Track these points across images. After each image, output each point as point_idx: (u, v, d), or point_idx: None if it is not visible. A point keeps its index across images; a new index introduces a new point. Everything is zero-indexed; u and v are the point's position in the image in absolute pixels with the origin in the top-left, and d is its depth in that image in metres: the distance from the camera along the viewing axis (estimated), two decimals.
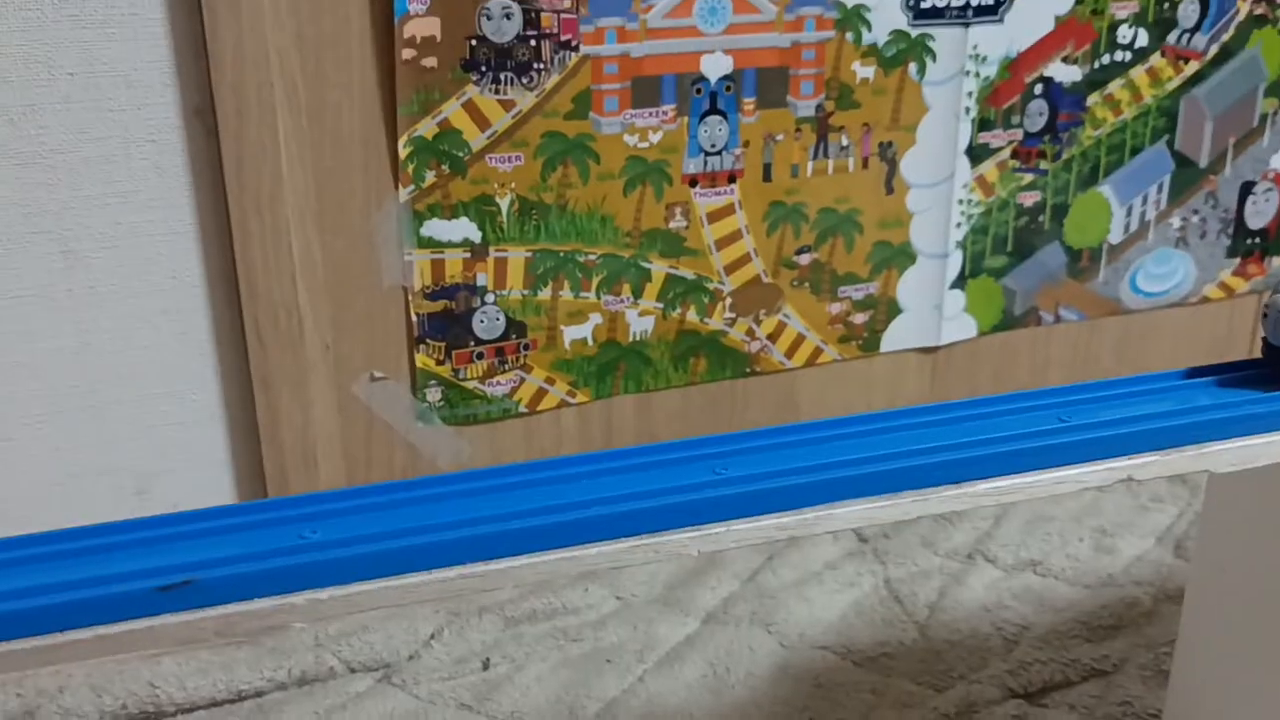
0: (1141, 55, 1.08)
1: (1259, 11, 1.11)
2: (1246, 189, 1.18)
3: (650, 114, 0.93)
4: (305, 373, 0.88)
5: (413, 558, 0.49)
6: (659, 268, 0.98)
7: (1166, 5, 1.07)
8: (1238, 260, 1.20)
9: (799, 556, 0.99)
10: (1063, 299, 1.14)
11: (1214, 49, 1.11)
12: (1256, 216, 1.19)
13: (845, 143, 1.00)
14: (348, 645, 0.85)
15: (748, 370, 1.04)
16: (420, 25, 0.85)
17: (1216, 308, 1.21)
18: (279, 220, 0.84)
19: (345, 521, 0.50)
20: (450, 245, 0.91)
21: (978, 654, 0.86)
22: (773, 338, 1.04)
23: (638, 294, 0.98)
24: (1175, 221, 1.16)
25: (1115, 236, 1.14)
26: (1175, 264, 1.17)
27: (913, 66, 1.00)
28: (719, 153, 0.96)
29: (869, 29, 0.97)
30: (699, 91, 0.94)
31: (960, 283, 1.09)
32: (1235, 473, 0.60)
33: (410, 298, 0.91)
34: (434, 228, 0.90)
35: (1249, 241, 1.19)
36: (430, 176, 0.89)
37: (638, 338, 0.99)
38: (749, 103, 0.96)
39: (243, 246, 0.83)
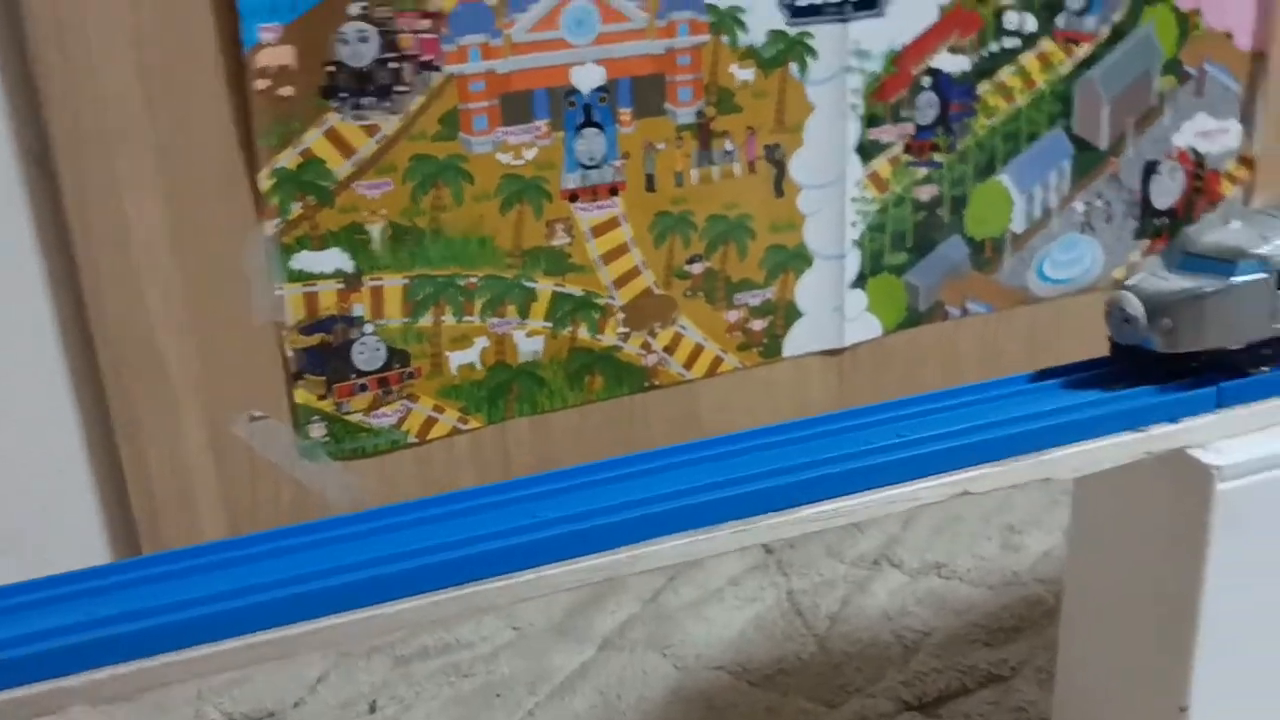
0: (1031, 40, 1.07)
1: None
2: (1150, 169, 1.16)
3: (523, 130, 0.91)
4: (174, 417, 0.86)
5: (282, 609, 0.47)
6: (544, 286, 0.96)
7: None
8: (1146, 241, 1.18)
9: (702, 574, 0.97)
10: (969, 292, 1.12)
11: (1105, 30, 1.09)
12: (1163, 196, 1.18)
13: (729, 148, 0.98)
14: (230, 696, 0.83)
15: (646, 384, 1.02)
16: (273, 54, 0.83)
17: None
18: (131, 261, 0.82)
19: (217, 576, 0.49)
20: (322, 277, 0.89)
21: (875, 665, 0.85)
22: (670, 350, 1.02)
23: (524, 314, 0.96)
24: (1079, 206, 1.14)
25: (1018, 225, 1.12)
26: (1082, 249, 1.16)
27: (794, 66, 0.98)
28: (598, 166, 0.94)
29: (745, 30, 0.96)
30: (572, 104, 0.92)
31: (861, 282, 1.07)
32: (1097, 475, 0.59)
33: (284, 333, 0.89)
34: (304, 260, 0.88)
35: (1156, 222, 1.18)
36: (296, 208, 0.87)
37: (528, 359, 0.97)
38: (625, 113, 0.94)
39: (93, 291, 0.81)
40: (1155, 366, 0.59)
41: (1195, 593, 0.59)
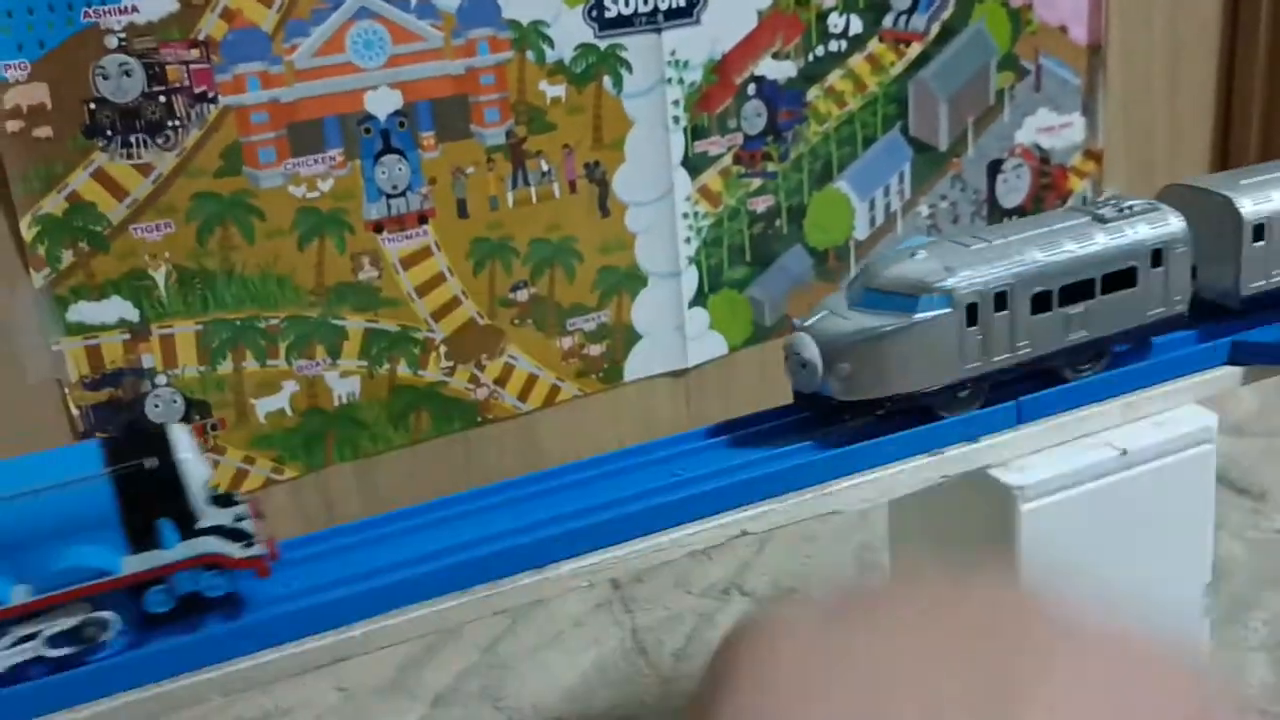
0: (858, 42, 1.03)
1: None
2: (995, 167, 1.14)
3: (315, 161, 0.86)
4: None
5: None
6: (355, 324, 0.90)
7: None
8: None
9: (545, 615, 0.92)
10: (815, 303, 1.08)
11: (935, 28, 1.07)
12: (1010, 194, 1.16)
13: (546, 168, 0.94)
14: None
15: (479, 419, 0.97)
16: (24, 93, 0.77)
17: None
18: None
19: None
20: (105, 328, 0.83)
21: None
22: (501, 382, 0.97)
23: (335, 354, 0.90)
24: (923, 209, 1.11)
25: (861, 232, 1.09)
26: None
27: (607, 80, 0.94)
28: (402, 194, 0.89)
29: (551, 45, 0.91)
30: (368, 131, 0.87)
31: (701, 300, 1.03)
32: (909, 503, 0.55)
33: (67, 390, 0.83)
34: (83, 311, 0.82)
35: (1005, 220, 1.16)
36: (68, 256, 0.80)
37: (344, 401, 0.92)
38: (427, 137, 0.89)
39: None
40: (837, 415, 0.54)
41: None
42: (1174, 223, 0.57)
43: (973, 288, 0.52)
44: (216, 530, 0.46)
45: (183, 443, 0.47)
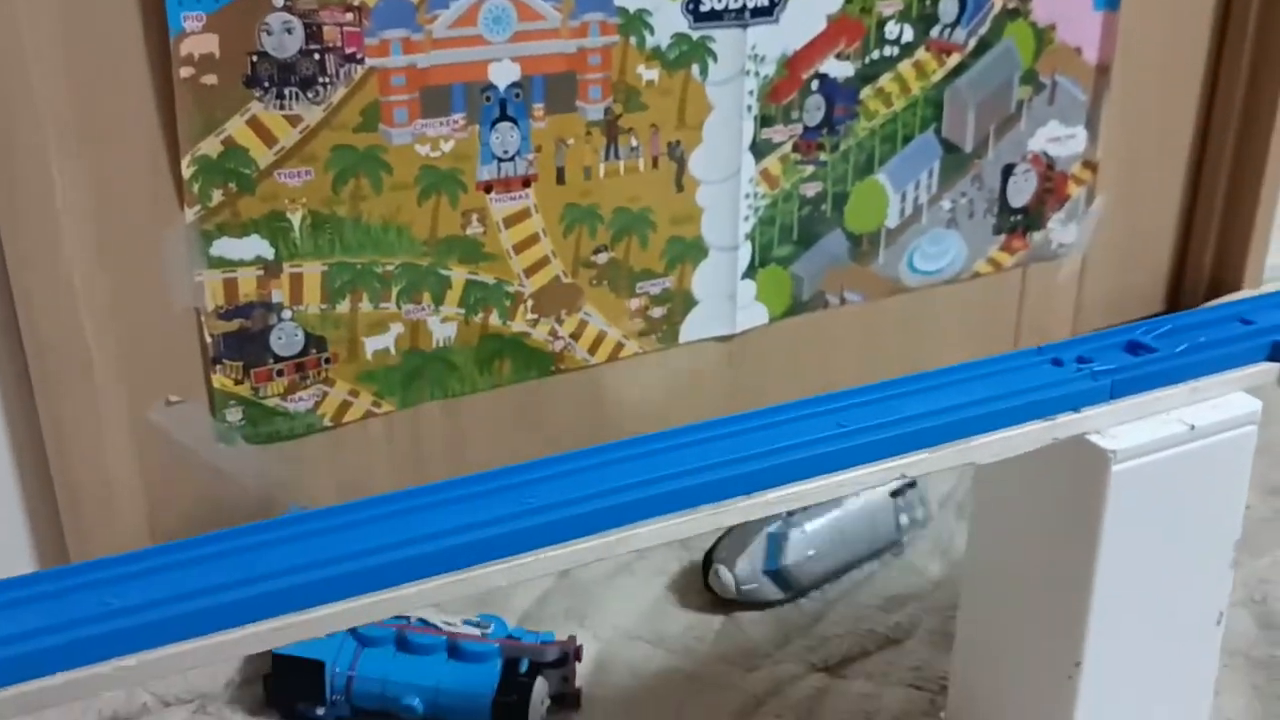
0: (908, 50, 1.14)
1: (1011, 5, 1.19)
2: (1008, 171, 1.26)
3: (440, 123, 0.94)
4: (97, 406, 0.86)
5: (222, 615, 0.49)
6: (458, 274, 0.99)
7: (928, 1, 1.13)
8: (1003, 237, 1.28)
9: None
10: (846, 282, 1.20)
11: (973, 42, 1.18)
12: (1018, 195, 1.28)
13: (634, 144, 1.03)
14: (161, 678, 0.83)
15: (552, 369, 1.06)
16: (197, 42, 0.83)
17: (986, 281, 1.29)
18: (59, 256, 0.81)
19: (150, 582, 0.50)
20: (242, 264, 0.90)
21: (783, 631, 0.91)
22: (575, 336, 1.06)
23: (438, 301, 0.99)
24: (945, 204, 1.23)
25: (892, 221, 1.20)
26: (947, 244, 1.25)
27: (695, 68, 1.03)
28: (512, 159, 0.97)
29: (651, 33, 1.00)
30: (488, 99, 0.95)
31: (751, 273, 1.13)
32: (1001, 461, 0.66)
33: (203, 319, 0.90)
34: (224, 246, 0.89)
35: (1012, 219, 1.28)
36: (217, 195, 0.87)
37: (441, 344, 1.00)
38: (538, 108, 0.97)
39: (22, 289, 0.80)
40: None
41: (1090, 562, 0.67)
42: None
43: None
44: None
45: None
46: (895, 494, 0.99)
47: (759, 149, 1.09)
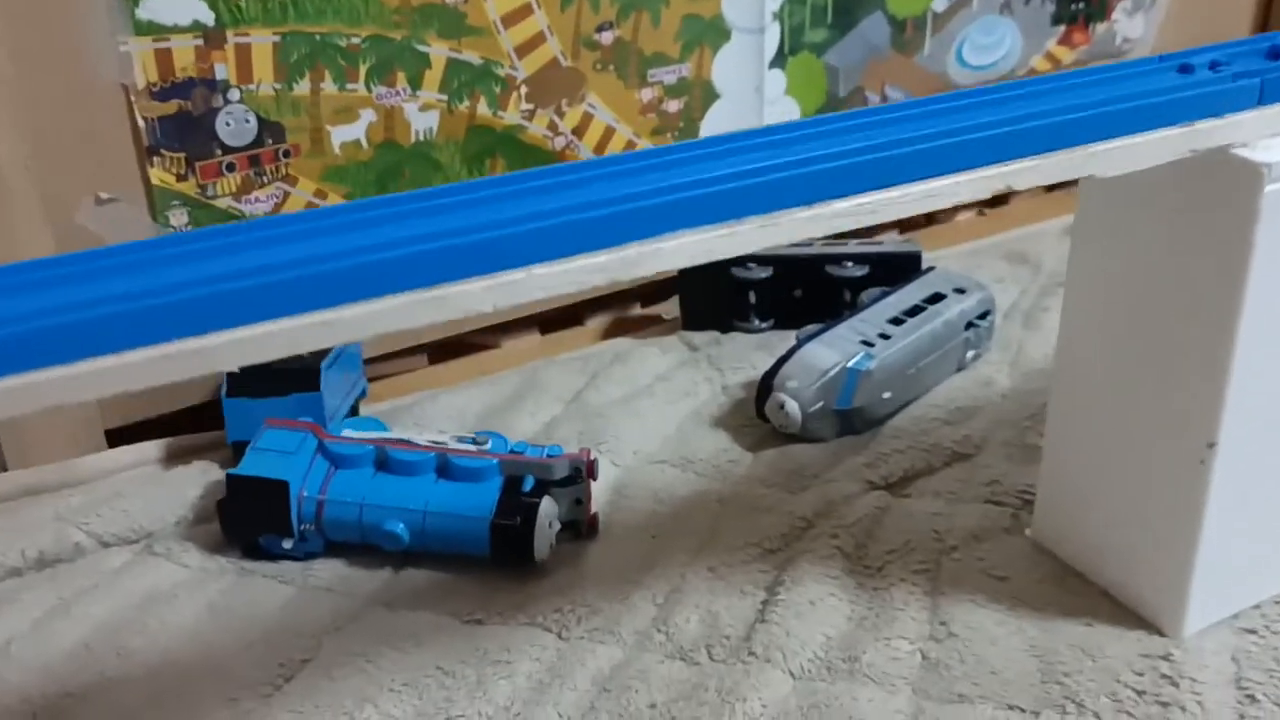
0: None
1: None
2: None
3: None
4: (10, 209, 0.72)
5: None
6: (438, 51, 0.84)
7: None
8: (1062, 28, 1.12)
9: (624, 371, 0.88)
10: (889, 76, 1.05)
11: None
12: None
13: None
14: (97, 516, 0.70)
15: None
16: None
17: None
18: None
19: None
20: (177, 30, 0.75)
21: (831, 450, 0.78)
22: (579, 132, 0.92)
23: (416, 84, 0.84)
24: None
25: (939, 3, 1.04)
26: (1002, 33, 1.09)
27: None
28: None
29: None
30: None
31: (780, 61, 0.98)
32: (1115, 180, 0.51)
33: (133, 98, 0.75)
34: (154, 8, 0.74)
35: (1073, 7, 1.12)
36: None
37: (421, 137, 0.85)
38: None
39: None
40: None
41: (1232, 311, 0.53)
42: None
43: None
44: None
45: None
46: (969, 325, 0.85)
47: None
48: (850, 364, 0.77)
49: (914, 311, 0.83)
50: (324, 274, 0.36)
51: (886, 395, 0.79)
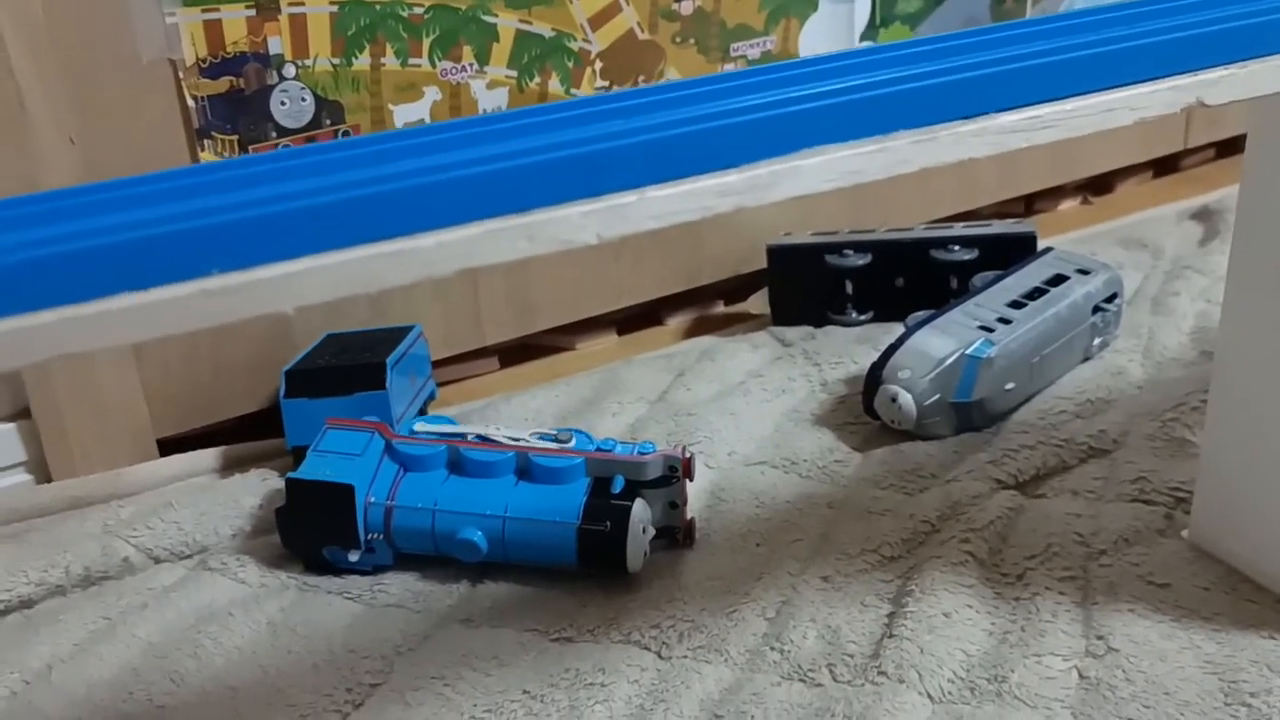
0: None
1: None
2: None
3: None
4: (41, 177, 0.66)
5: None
6: (506, 22, 0.77)
7: None
8: None
9: (714, 369, 0.81)
10: None
11: None
12: None
13: None
14: (147, 529, 0.64)
15: None
16: None
17: None
18: None
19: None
20: (226, 0, 0.69)
21: (951, 449, 0.70)
22: None
23: (483, 59, 0.77)
24: None
25: None
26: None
27: None
28: None
29: None
30: None
31: (871, 32, 0.91)
32: None
33: (181, 75, 0.69)
34: None
35: None
36: None
37: None
38: None
39: None
40: None
41: None
42: None
43: None
44: None
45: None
46: (1096, 309, 0.77)
47: None
48: (969, 351, 0.69)
49: (1035, 294, 0.75)
50: (391, 193, 0.30)
51: (1009, 386, 0.71)
